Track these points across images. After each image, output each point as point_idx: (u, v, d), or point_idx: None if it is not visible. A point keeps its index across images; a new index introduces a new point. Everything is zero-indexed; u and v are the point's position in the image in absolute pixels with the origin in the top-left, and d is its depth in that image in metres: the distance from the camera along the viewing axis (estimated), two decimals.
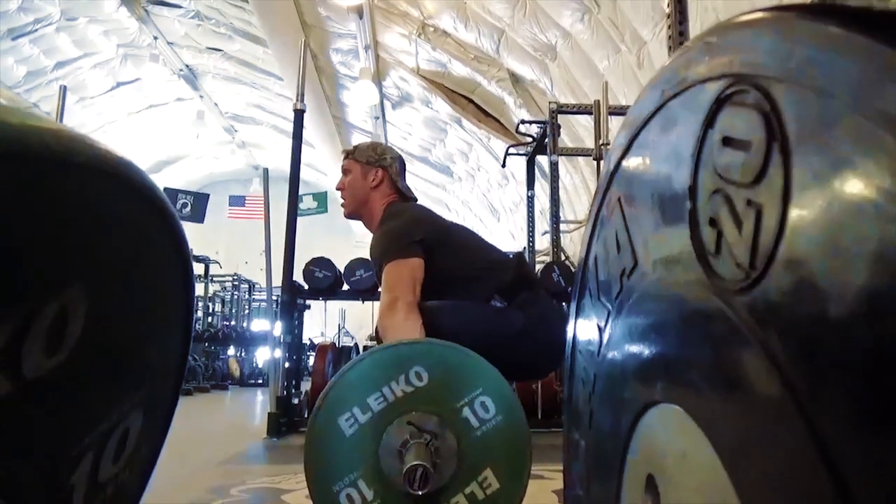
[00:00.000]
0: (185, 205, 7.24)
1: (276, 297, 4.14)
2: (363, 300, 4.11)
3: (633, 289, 0.50)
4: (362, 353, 1.63)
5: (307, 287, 3.86)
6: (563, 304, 3.57)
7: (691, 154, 0.40)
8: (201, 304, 10.31)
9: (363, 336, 10.73)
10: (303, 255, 3.64)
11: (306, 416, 3.55)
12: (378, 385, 1.15)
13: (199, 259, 9.71)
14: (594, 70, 5.99)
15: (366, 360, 1.20)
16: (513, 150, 5.63)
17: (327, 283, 3.87)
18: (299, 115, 3.64)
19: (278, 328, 3.81)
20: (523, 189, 5.65)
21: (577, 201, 7.91)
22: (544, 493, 1.77)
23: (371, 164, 1.85)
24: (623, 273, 0.52)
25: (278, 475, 2.14)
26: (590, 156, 4.81)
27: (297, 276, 3.70)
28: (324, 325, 11.40)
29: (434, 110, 9.11)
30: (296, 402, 3.71)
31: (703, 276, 0.38)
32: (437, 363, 1.18)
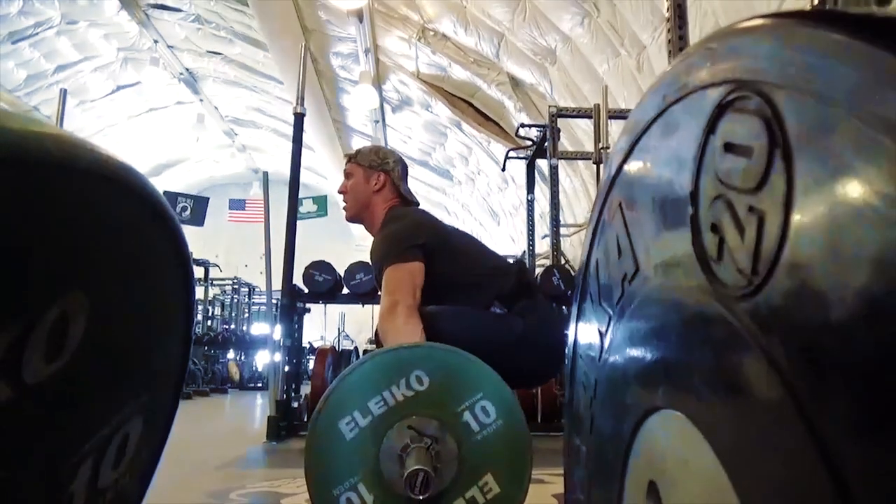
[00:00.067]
0: (185, 208, 7.23)
1: (275, 301, 4.14)
2: (363, 304, 4.11)
3: (634, 294, 0.50)
4: (362, 356, 1.63)
5: (307, 290, 3.86)
6: (563, 308, 3.57)
7: (693, 159, 0.40)
8: (201, 307, 10.30)
9: (363, 340, 10.74)
10: (303, 259, 3.64)
11: (306, 419, 3.55)
12: (379, 389, 1.15)
13: (199, 263, 9.70)
14: (594, 74, 6.00)
15: (367, 363, 1.20)
16: (513, 153, 5.64)
17: (327, 287, 3.87)
18: (299, 118, 3.64)
19: (278, 332, 3.80)
20: (523, 192, 5.65)
21: (577, 205, 7.91)
22: (545, 497, 1.77)
23: (373, 167, 1.85)
24: (624, 278, 0.52)
25: (278, 479, 2.14)
26: (589, 159, 4.82)
27: (297, 279, 3.70)
28: (324, 328, 11.41)
29: (434, 114, 9.12)
30: (295, 405, 3.71)
31: (705, 281, 0.38)
32: (438, 367, 1.18)
